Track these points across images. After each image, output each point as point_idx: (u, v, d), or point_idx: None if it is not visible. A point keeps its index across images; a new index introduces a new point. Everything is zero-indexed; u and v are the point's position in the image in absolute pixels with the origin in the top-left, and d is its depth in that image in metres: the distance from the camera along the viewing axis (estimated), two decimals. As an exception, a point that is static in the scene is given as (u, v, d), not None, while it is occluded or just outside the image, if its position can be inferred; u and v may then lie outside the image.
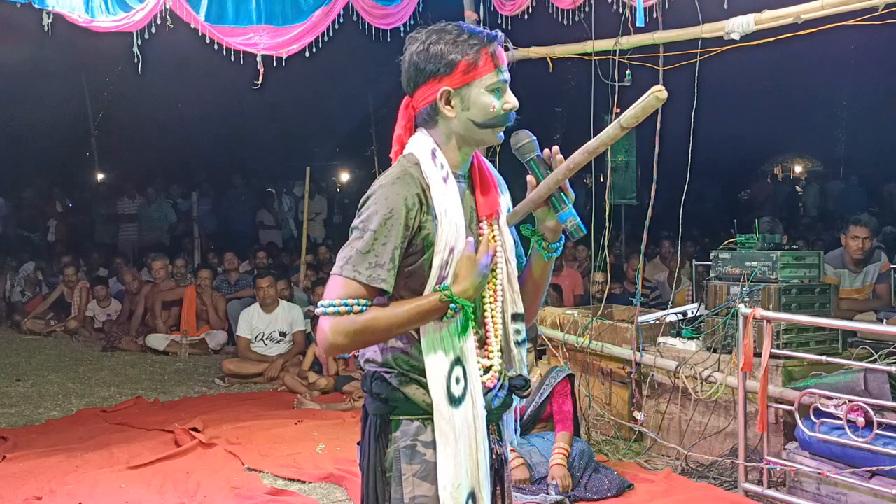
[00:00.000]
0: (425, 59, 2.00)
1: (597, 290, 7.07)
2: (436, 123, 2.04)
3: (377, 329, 1.92)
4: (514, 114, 2.04)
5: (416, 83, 2.03)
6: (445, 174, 1.99)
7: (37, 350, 8.97)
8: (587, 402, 5.62)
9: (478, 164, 2.11)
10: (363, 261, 1.91)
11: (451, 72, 1.98)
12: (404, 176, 1.96)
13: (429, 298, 1.93)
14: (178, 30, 5.73)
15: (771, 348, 4.30)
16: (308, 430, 5.72)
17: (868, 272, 6.15)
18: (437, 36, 2.00)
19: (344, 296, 1.90)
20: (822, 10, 4.67)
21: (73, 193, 15.04)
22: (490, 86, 1.99)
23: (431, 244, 1.96)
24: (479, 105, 1.99)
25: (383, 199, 1.93)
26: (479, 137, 2.03)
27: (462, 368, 1.97)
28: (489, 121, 2.00)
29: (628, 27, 5.49)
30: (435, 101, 2.00)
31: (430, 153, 2.01)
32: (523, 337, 2.14)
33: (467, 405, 1.96)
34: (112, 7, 5.46)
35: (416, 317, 1.93)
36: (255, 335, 7.91)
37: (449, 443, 1.95)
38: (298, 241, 11.71)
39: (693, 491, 4.49)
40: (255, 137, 16.47)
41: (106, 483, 4.70)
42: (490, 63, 1.99)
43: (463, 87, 1.99)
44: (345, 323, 1.89)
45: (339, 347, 1.93)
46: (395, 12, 6.39)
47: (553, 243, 2.08)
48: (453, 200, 1.98)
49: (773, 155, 19.52)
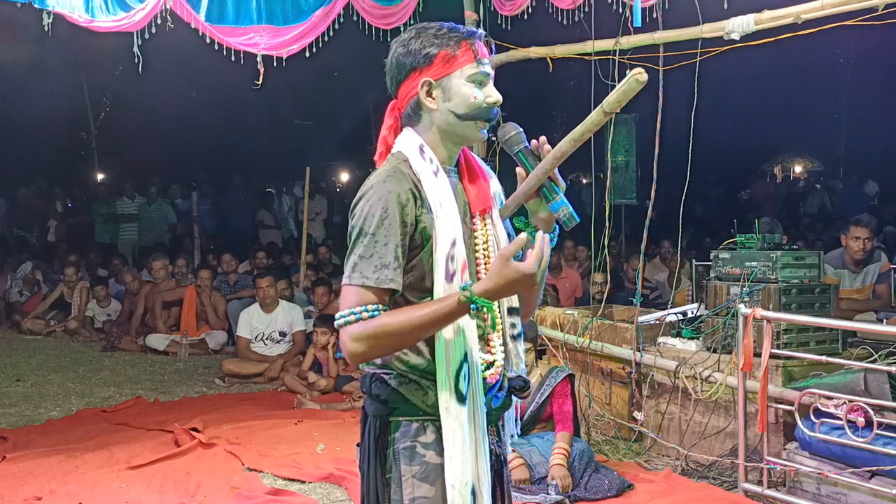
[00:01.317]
0: (405, 54, 2.02)
1: (597, 291, 7.07)
2: (420, 119, 2.04)
3: (390, 332, 1.89)
4: (498, 110, 2.04)
5: (399, 80, 2.04)
6: (435, 168, 2.00)
7: (37, 350, 8.97)
8: (587, 402, 5.62)
9: (464, 157, 2.12)
10: (368, 265, 1.91)
11: (431, 63, 2.00)
12: (395, 173, 1.96)
13: (447, 301, 1.89)
14: (178, 30, 5.73)
15: (771, 348, 4.30)
16: (308, 430, 5.72)
17: (868, 272, 6.15)
18: (416, 33, 2.03)
19: (354, 304, 1.90)
20: (822, 10, 4.67)
21: (73, 193, 15.04)
22: (471, 76, 2.00)
23: (429, 238, 1.95)
24: (461, 95, 1.99)
25: (377, 199, 1.92)
26: (461, 132, 2.03)
27: (468, 365, 1.97)
28: (471, 112, 2.00)
29: (628, 27, 5.49)
30: (417, 95, 2.01)
31: (418, 149, 2.01)
32: (519, 331, 2.14)
33: (471, 402, 1.96)
34: (112, 7, 5.46)
35: (436, 319, 1.89)
36: (255, 335, 7.91)
37: (457, 440, 1.95)
38: (298, 241, 11.71)
39: (693, 491, 4.49)
40: (255, 137, 16.49)
41: (106, 483, 4.69)
42: (469, 53, 2.00)
43: (444, 78, 2.00)
44: (357, 329, 1.89)
45: (359, 355, 1.92)
46: (395, 12, 6.39)
47: (548, 233, 2.06)
48: (447, 193, 1.98)
49: (773, 155, 19.52)
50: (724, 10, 5.18)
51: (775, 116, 15.94)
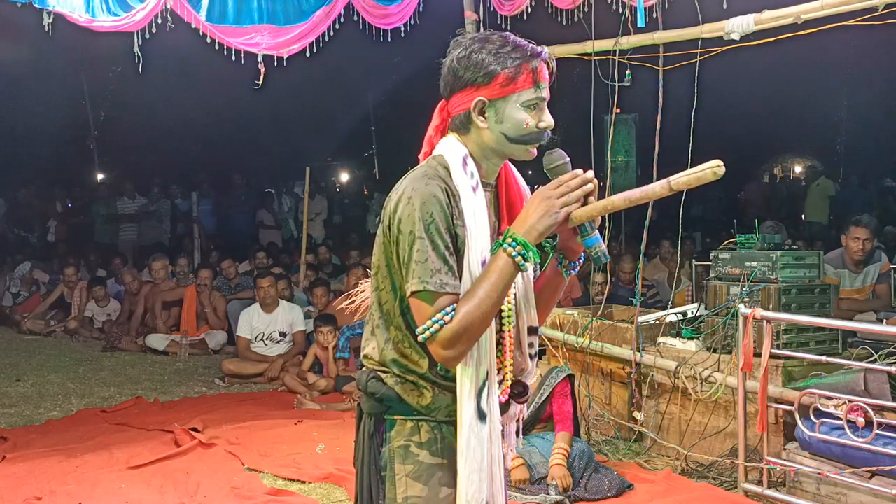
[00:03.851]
0: (465, 65, 1.97)
1: (596, 292, 7.07)
2: (468, 131, 2.01)
3: (474, 319, 1.86)
4: (550, 133, 2.01)
5: (454, 88, 2.00)
6: (475, 183, 1.97)
7: (37, 350, 8.97)
8: (587, 403, 5.62)
9: (505, 175, 2.09)
10: (425, 269, 1.87)
11: (490, 82, 1.95)
12: (435, 177, 1.94)
13: (494, 262, 1.88)
14: (178, 30, 5.73)
15: (771, 348, 4.29)
16: (308, 431, 5.72)
17: (868, 272, 6.15)
18: (480, 44, 1.98)
19: (433, 312, 1.87)
20: (822, 10, 4.67)
21: (73, 193, 15.03)
22: (526, 101, 1.95)
23: (461, 249, 1.93)
24: (513, 120, 1.96)
25: (420, 202, 1.89)
26: (509, 151, 2.01)
27: (489, 383, 1.96)
28: (522, 137, 1.97)
29: (628, 27, 5.49)
30: (469, 110, 1.98)
31: (462, 160, 1.98)
32: (536, 350, 2.13)
33: (489, 419, 1.96)
34: (113, 7, 5.46)
35: (502, 282, 1.87)
36: (255, 335, 7.91)
37: (475, 457, 1.94)
38: (298, 241, 11.72)
39: (693, 491, 4.49)
40: (256, 137, 16.49)
41: (106, 483, 4.70)
42: (530, 78, 1.95)
43: (499, 100, 1.96)
44: (447, 336, 1.87)
45: (457, 357, 1.90)
46: (396, 12, 6.39)
47: (572, 262, 2.07)
48: (481, 210, 1.96)
49: (773, 155, 19.52)
50: (724, 10, 5.18)
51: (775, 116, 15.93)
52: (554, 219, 1.89)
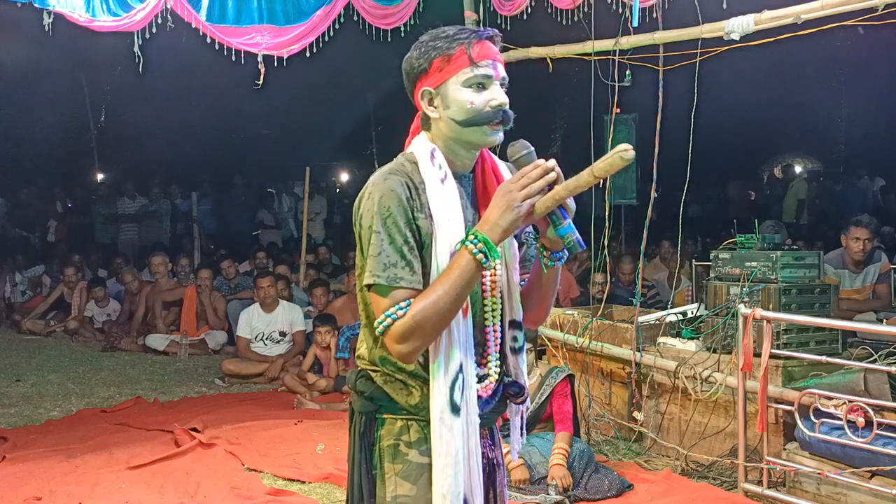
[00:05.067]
0: (410, 63, 2.00)
1: (597, 291, 7.07)
2: (429, 126, 2.02)
3: (429, 316, 1.84)
4: (512, 112, 1.97)
5: (410, 89, 2.03)
6: (444, 175, 1.96)
7: (37, 350, 8.97)
8: (587, 403, 5.62)
9: (482, 167, 2.07)
10: (377, 263, 1.88)
11: (429, 70, 1.96)
12: (395, 172, 1.94)
13: (457, 260, 1.86)
14: (178, 30, 5.73)
15: (771, 348, 4.30)
16: (308, 431, 5.72)
17: (868, 273, 6.16)
18: (427, 38, 1.99)
19: (387, 306, 1.86)
20: (822, 10, 4.67)
21: (73, 193, 15.03)
22: (467, 81, 1.93)
23: (426, 243, 1.92)
24: (457, 102, 1.94)
25: (378, 196, 1.90)
26: (466, 137, 1.97)
27: (463, 376, 1.94)
28: (471, 119, 1.94)
29: (628, 27, 5.49)
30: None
31: (430, 153, 1.98)
32: (521, 345, 2.11)
33: (464, 412, 1.94)
34: (113, 7, 5.46)
35: (463, 281, 1.85)
36: (255, 335, 7.91)
37: (450, 451, 1.92)
38: (298, 241, 11.72)
39: (693, 491, 4.49)
40: (255, 137, 16.48)
41: (106, 483, 4.70)
42: (464, 57, 1.93)
43: (441, 86, 1.95)
44: (398, 330, 1.86)
45: (411, 352, 1.88)
46: (396, 12, 6.39)
47: (555, 253, 2.02)
48: (452, 201, 1.94)
49: (773, 155, 19.51)
50: (724, 10, 5.18)
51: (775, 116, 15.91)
52: (517, 213, 1.85)
